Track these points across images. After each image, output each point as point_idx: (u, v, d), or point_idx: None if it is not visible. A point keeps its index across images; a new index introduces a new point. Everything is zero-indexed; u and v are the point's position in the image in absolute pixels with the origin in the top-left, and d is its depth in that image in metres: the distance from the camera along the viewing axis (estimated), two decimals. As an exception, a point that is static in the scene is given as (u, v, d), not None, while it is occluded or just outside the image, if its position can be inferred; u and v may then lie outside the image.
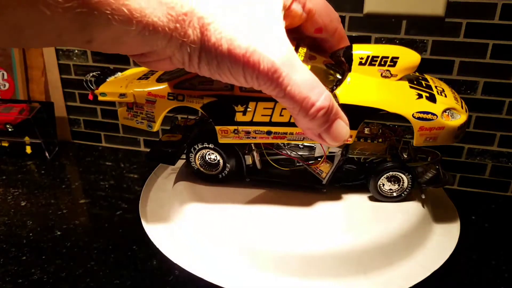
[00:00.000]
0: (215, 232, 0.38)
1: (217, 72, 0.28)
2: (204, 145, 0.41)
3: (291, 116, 0.37)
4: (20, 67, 0.66)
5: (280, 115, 0.37)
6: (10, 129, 0.62)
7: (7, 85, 0.68)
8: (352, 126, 0.37)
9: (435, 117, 0.36)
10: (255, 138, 0.39)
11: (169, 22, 0.25)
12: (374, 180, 0.40)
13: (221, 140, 0.40)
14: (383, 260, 0.37)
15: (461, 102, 0.39)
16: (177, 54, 0.27)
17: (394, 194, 0.40)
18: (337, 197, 0.42)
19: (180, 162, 0.46)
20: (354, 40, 0.52)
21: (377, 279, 0.36)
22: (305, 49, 0.37)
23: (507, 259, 0.42)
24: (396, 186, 0.40)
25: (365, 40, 0.52)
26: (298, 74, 0.28)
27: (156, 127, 0.40)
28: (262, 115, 0.37)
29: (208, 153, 0.42)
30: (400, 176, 0.39)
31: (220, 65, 0.28)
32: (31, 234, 0.45)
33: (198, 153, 0.42)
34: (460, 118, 0.37)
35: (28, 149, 0.63)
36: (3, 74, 0.68)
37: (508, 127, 0.52)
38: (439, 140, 0.37)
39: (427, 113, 0.36)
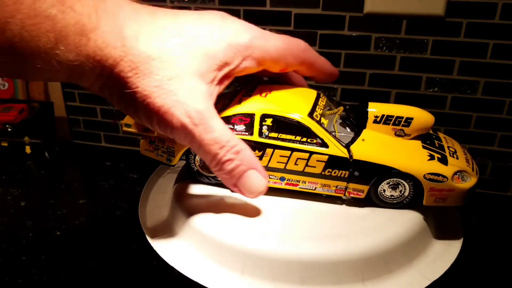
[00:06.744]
0: (215, 235, 0.38)
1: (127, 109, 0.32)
2: None
3: (305, 166, 0.38)
4: (20, 67, 0.67)
5: (295, 164, 0.38)
6: (9, 129, 0.62)
7: (6, 84, 0.68)
8: (364, 182, 0.38)
9: (446, 179, 0.36)
10: (268, 182, 0.40)
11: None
12: (375, 185, 0.40)
13: None
14: (382, 268, 0.36)
15: (473, 164, 0.39)
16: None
17: (395, 201, 0.40)
18: (336, 202, 0.42)
19: (181, 163, 0.46)
20: (354, 40, 0.52)
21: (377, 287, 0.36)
22: (325, 99, 0.41)
23: (507, 259, 0.42)
24: (398, 193, 0.40)
25: (365, 40, 0.52)
26: (211, 133, 0.32)
27: (175, 161, 0.41)
28: (277, 162, 0.39)
29: None
30: (401, 182, 0.39)
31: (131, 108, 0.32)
32: (31, 234, 0.45)
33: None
34: (470, 181, 0.38)
35: (28, 149, 0.63)
36: (2, 74, 0.68)
37: (508, 127, 0.52)
38: (448, 201, 0.38)
39: (438, 175, 0.36)
